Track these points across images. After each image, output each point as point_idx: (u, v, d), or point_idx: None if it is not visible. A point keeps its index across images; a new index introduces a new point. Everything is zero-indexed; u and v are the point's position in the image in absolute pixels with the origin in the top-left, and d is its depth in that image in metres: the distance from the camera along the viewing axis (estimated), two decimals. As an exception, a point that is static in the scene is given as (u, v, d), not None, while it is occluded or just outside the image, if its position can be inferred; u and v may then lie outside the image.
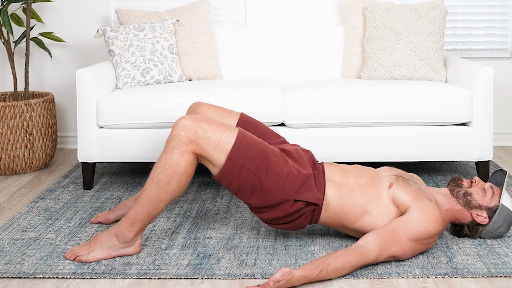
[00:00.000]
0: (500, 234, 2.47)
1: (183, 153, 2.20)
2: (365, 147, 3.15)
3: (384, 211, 2.34)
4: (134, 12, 3.66)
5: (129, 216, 2.30)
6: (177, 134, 2.21)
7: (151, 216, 2.29)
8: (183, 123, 2.22)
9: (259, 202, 2.32)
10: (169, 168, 2.21)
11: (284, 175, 2.29)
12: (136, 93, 3.18)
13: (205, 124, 2.23)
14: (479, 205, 2.41)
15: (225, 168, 2.25)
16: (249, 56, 3.77)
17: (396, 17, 3.51)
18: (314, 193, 2.32)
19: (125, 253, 2.35)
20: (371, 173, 2.46)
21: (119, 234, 2.32)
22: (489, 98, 3.13)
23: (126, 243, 2.33)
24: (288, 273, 2.04)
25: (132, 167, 3.66)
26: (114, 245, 2.33)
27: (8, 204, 3.05)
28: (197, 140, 2.21)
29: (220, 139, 2.23)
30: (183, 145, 2.20)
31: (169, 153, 2.22)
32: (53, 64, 4.07)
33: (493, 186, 2.47)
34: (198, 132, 2.21)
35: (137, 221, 2.29)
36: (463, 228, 2.48)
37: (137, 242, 2.36)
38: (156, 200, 2.26)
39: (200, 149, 2.22)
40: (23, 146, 3.52)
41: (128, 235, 2.32)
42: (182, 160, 2.21)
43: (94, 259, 2.32)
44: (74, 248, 2.38)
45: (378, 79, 3.49)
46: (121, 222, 2.32)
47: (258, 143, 2.30)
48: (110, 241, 2.33)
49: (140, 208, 2.28)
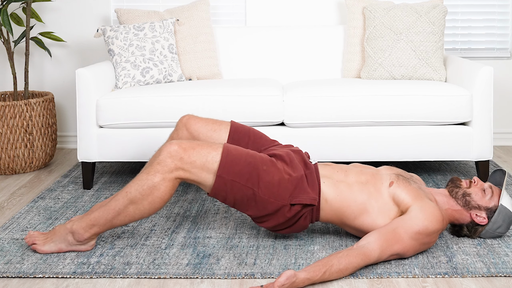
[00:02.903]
0: (500, 234, 2.47)
1: (165, 179, 2.25)
2: (365, 147, 3.15)
3: (384, 209, 2.34)
4: (134, 11, 3.66)
5: (91, 218, 2.33)
6: (163, 160, 2.25)
7: (112, 225, 2.33)
8: (170, 149, 2.26)
9: (257, 212, 2.34)
10: (147, 189, 2.25)
11: (276, 182, 2.31)
12: (136, 92, 3.18)
13: (190, 150, 2.27)
14: (478, 206, 2.41)
15: (216, 186, 2.29)
16: (249, 56, 3.77)
17: (396, 17, 3.51)
18: (308, 194, 2.33)
19: (78, 249, 2.40)
20: (371, 171, 2.47)
21: (75, 232, 2.35)
22: (489, 98, 3.13)
23: (80, 242, 2.37)
24: (292, 276, 2.04)
25: (132, 166, 3.66)
26: (68, 241, 2.37)
27: (8, 203, 3.05)
28: (183, 166, 2.26)
29: (205, 161, 2.27)
30: (167, 172, 2.25)
31: (151, 174, 2.25)
32: (53, 64, 4.07)
33: (492, 186, 2.46)
34: (184, 159, 2.25)
35: (96, 225, 2.33)
36: (463, 229, 2.48)
37: (91, 242, 2.40)
38: (122, 213, 2.29)
39: (187, 173, 2.27)
40: (23, 145, 3.52)
41: (83, 235, 2.35)
42: (162, 185, 2.25)
43: (46, 252, 2.37)
44: (34, 233, 2.42)
45: (378, 79, 3.49)
46: (81, 221, 2.34)
47: (245, 155, 2.32)
48: (65, 235, 2.37)
49: (105, 215, 2.31)
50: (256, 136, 2.61)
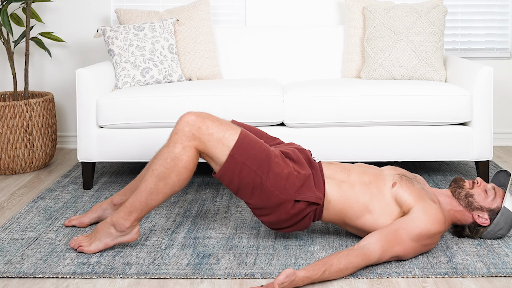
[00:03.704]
0: (501, 236, 2.47)
1: (185, 148, 2.23)
2: (365, 147, 3.15)
3: (386, 210, 2.34)
4: (134, 11, 3.66)
5: (127, 205, 2.32)
6: (181, 129, 2.24)
7: (149, 207, 2.31)
8: (188, 118, 2.25)
9: (259, 202, 2.32)
10: (170, 161, 2.23)
11: (284, 176, 2.30)
12: (136, 92, 3.19)
13: (209, 121, 2.26)
14: (480, 207, 2.40)
15: (227, 165, 2.26)
16: (249, 56, 3.77)
17: (395, 17, 3.51)
18: (314, 192, 2.32)
19: (123, 241, 2.38)
20: (374, 171, 2.47)
21: (116, 223, 2.35)
22: (489, 98, 3.13)
23: (123, 232, 2.36)
24: (292, 274, 2.04)
25: (132, 166, 3.66)
26: (111, 234, 2.36)
27: (8, 204, 3.05)
28: (200, 136, 2.24)
29: (222, 136, 2.25)
30: (186, 140, 2.23)
31: (171, 146, 2.24)
32: (53, 64, 4.07)
33: (496, 187, 2.45)
34: (202, 128, 2.24)
35: (134, 210, 2.32)
36: (464, 229, 2.47)
37: (134, 229, 2.38)
38: (154, 191, 2.28)
39: (203, 145, 2.24)
40: (22, 146, 3.52)
41: (124, 224, 2.34)
42: (184, 155, 2.23)
43: (95, 250, 2.37)
44: (79, 237, 2.43)
45: (378, 79, 3.49)
46: (119, 211, 2.35)
47: (260, 143, 2.31)
48: (107, 229, 2.37)
49: (138, 198, 2.30)
50: (258, 133, 2.61)
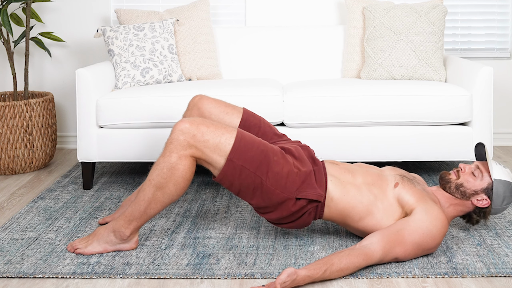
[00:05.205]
0: (509, 205, 2.42)
1: (181, 157, 2.22)
2: (365, 147, 3.15)
3: (389, 211, 2.34)
4: (134, 12, 3.66)
5: (126, 214, 2.33)
6: (176, 138, 2.22)
7: (148, 215, 2.32)
8: (181, 126, 2.23)
9: (261, 202, 2.33)
10: (167, 171, 2.23)
11: (284, 174, 2.29)
12: (136, 93, 3.19)
13: (203, 127, 2.24)
14: (474, 191, 2.38)
15: (225, 170, 2.25)
16: (248, 56, 3.77)
17: (395, 17, 3.51)
18: (315, 189, 2.32)
19: (122, 248, 2.39)
20: (376, 171, 2.46)
21: (116, 230, 2.36)
22: (489, 98, 3.13)
23: (123, 240, 2.37)
24: (293, 273, 2.04)
25: (132, 166, 3.66)
26: (111, 241, 2.37)
27: (7, 204, 3.05)
28: (196, 144, 2.22)
29: (219, 142, 2.24)
30: (181, 149, 2.22)
31: (167, 156, 2.23)
32: (52, 64, 4.07)
33: (479, 165, 2.42)
34: (197, 136, 2.22)
35: (133, 219, 2.32)
36: (472, 216, 2.44)
37: (134, 239, 2.39)
38: (152, 201, 2.28)
39: (199, 152, 2.23)
40: (22, 146, 3.52)
41: (124, 232, 2.35)
42: (180, 164, 2.23)
43: (91, 252, 2.37)
44: (75, 241, 2.43)
45: (377, 79, 3.49)
46: (119, 219, 2.35)
47: (258, 143, 2.30)
48: (107, 236, 2.37)
49: (137, 208, 2.31)
50: (266, 128, 2.60)
